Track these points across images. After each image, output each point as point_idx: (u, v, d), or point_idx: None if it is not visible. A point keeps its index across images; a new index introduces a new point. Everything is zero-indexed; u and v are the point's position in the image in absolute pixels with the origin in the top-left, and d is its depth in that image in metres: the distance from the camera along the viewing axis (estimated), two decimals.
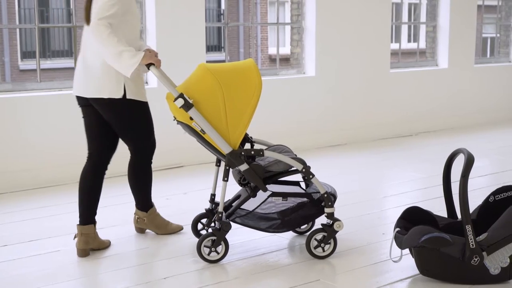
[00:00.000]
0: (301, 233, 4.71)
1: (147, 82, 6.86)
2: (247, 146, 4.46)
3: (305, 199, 4.39)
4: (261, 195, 4.33)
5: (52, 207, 5.48)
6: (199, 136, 4.12)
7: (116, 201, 5.65)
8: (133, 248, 4.51)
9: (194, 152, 6.85)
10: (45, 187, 6.07)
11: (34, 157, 6.14)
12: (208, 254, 4.19)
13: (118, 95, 4.23)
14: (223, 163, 4.24)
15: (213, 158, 4.51)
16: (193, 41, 6.94)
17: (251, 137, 4.47)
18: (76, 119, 6.30)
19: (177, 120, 4.18)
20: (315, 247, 4.27)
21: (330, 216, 4.25)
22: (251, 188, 4.28)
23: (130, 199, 5.68)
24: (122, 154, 6.62)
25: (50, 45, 18.94)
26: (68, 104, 6.31)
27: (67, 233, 4.81)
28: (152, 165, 6.43)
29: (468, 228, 3.70)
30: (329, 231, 4.26)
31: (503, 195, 4.05)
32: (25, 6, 18.46)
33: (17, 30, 18.11)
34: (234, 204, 4.41)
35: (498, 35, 10.64)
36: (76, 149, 6.31)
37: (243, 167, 4.16)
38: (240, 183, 4.34)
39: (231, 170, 4.23)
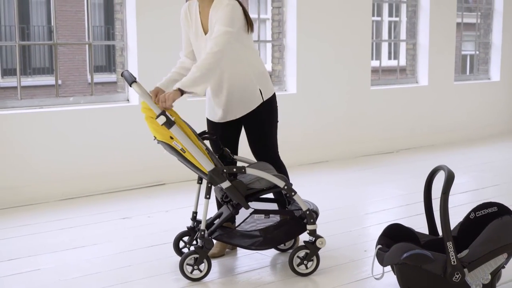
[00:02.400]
0: (283, 251, 4.70)
1: (128, 100, 6.85)
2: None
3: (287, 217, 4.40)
4: (243, 213, 4.32)
5: (32, 226, 5.44)
6: (180, 154, 4.11)
7: (98, 219, 5.61)
8: (114, 266, 4.49)
9: (176, 169, 6.84)
10: (25, 205, 6.03)
11: (14, 175, 6.09)
12: (191, 272, 4.17)
13: None
14: (205, 181, 4.24)
15: (195, 175, 4.51)
16: (174, 59, 6.90)
17: (233, 155, 4.47)
18: (57, 136, 6.30)
19: (157, 140, 4.17)
20: (298, 265, 4.27)
21: (313, 233, 4.25)
22: (233, 206, 4.28)
23: (112, 217, 5.67)
24: (105, 172, 6.61)
25: (31, 62, 18.87)
26: (50, 121, 6.29)
27: (48, 251, 4.77)
28: (134, 183, 6.44)
29: (449, 245, 3.71)
30: (312, 248, 4.26)
31: (484, 211, 4.06)
32: (6, 23, 18.40)
33: None
34: (216, 221, 4.40)
35: (477, 52, 10.74)
36: (57, 167, 6.29)
37: (225, 184, 4.15)
38: (222, 201, 4.33)
39: (213, 187, 4.23)
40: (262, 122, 4.56)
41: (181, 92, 4.10)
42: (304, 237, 4.38)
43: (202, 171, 4.14)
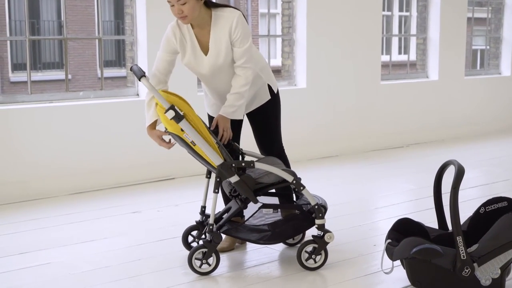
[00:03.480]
0: (292, 245, 4.70)
1: (138, 94, 6.85)
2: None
3: (296, 211, 4.40)
4: (252, 207, 4.33)
5: (43, 220, 5.46)
6: (190, 147, 4.12)
7: (108, 213, 5.63)
8: (124, 260, 4.50)
9: (185, 164, 6.85)
10: (35, 199, 6.05)
11: (24, 169, 6.12)
12: (200, 267, 4.18)
13: None
14: (213, 175, 4.24)
15: (204, 170, 4.51)
16: None
17: (242, 149, 4.48)
18: (67, 131, 6.32)
19: (168, 132, 4.18)
20: (306, 259, 4.27)
21: (321, 227, 4.25)
22: (241, 200, 4.28)
23: (122, 211, 5.69)
24: (115, 166, 6.63)
25: (41, 57, 18.93)
26: (59, 116, 6.31)
27: (58, 245, 4.79)
28: (143, 177, 6.45)
29: (459, 239, 3.70)
30: (320, 243, 4.25)
31: (494, 206, 4.05)
32: (16, 18, 18.45)
33: (8, 42, 18.09)
34: (224, 216, 4.40)
35: (488, 47, 10.70)
36: (67, 162, 6.31)
37: (234, 179, 4.16)
38: (230, 195, 4.34)
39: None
40: (270, 115, 4.60)
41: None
42: (312, 231, 4.38)
43: (211, 165, 4.14)
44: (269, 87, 4.57)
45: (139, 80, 4.09)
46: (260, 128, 4.60)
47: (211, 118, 4.69)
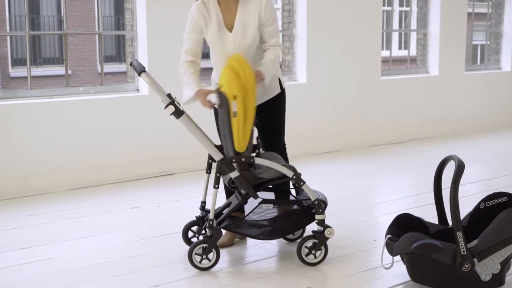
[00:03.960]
0: (292, 240, 4.71)
1: (138, 90, 6.85)
2: None
3: (295, 206, 4.40)
4: (252, 202, 4.33)
5: (43, 215, 5.46)
6: (226, 119, 4.07)
7: (108, 208, 5.63)
8: (123, 256, 4.50)
9: (185, 159, 6.86)
10: (35, 194, 6.05)
11: (24, 165, 6.12)
12: (200, 262, 4.18)
13: None
14: (213, 171, 4.24)
15: (204, 165, 4.51)
16: None
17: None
18: (67, 126, 6.32)
19: (218, 92, 4.12)
20: (306, 254, 4.27)
21: (321, 223, 4.25)
22: (240, 194, 4.29)
23: (122, 207, 5.69)
24: (115, 162, 6.63)
25: (41, 52, 18.92)
26: (59, 111, 6.31)
27: (58, 241, 4.80)
28: (143, 172, 6.46)
29: (459, 234, 3.70)
30: (320, 238, 4.26)
31: (494, 201, 4.05)
32: (16, 13, 18.43)
33: (8, 37, 18.07)
34: (224, 211, 4.40)
35: (488, 42, 10.69)
36: (67, 157, 6.31)
37: (234, 174, 4.16)
38: (230, 186, 4.33)
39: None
40: (277, 110, 4.61)
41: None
42: (312, 226, 4.38)
43: (232, 145, 4.10)
44: (279, 81, 4.59)
45: (139, 75, 4.09)
46: (267, 122, 4.57)
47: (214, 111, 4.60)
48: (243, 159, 4.16)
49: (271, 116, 4.57)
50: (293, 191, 4.65)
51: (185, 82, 4.34)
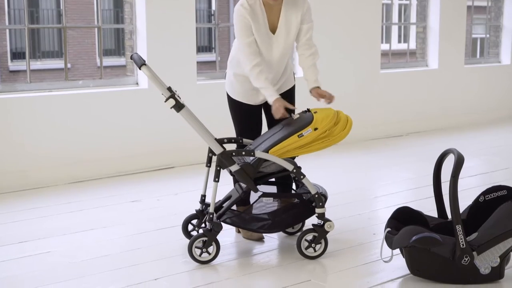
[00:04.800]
0: (291, 234, 4.71)
1: (137, 83, 6.84)
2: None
3: (295, 200, 4.40)
4: (252, 196, 4.34)
5: (42, 208, 5.46)
6: (290, 131, 4.17)
7: (108, 202, 5.64)
8: (123, 249, 4.50)
9: (184, 153, 6.86)
10: (34, 188, 6.05)
11: (24, 158, 6.11)
12: (200, 255, 4.19)
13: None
14: (213, 164, 4.24)
15: (204, 159, 4.51)
16: (183, 42, 6.94)
17: (241, 138, 4.48)
18: (66, 120, 6.31)
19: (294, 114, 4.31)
20: (306, 248, 4.27)
21: (321, 216, 4.26)
22: (240, 187, 4.29)
23: (121, 200, 5.69)
24: (114, 155, 6.63)
25: (40, 46, 18.89)
26: (59, 105, 6.31)
27: (58, 234, 4.80)
28: (143, 166, 6.45)
29: (458, 228, 3.71)
30: (320, 232, 4.26)
31: (493, 195, 4.06)
32: (15, 6, 18.40)
33: (7, 31, 18.05)
34: (225, 204, 4.41)
35: (488, 35, 10.67)
36: (66, 150, 6.31)
37: (234, 167, 4.16)
38: (231, 174, 4.34)
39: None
40: (292, 102, 4.68)
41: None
42: (311, 220, 4.38)
43: (270, 147, 4.14)
44: (294, 75, 4.76)
45: (140, 69, 4.09)
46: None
47: (246, 107, 4.58)
48: (243, 153, 4.17)
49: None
50: (293, 185, 4.66)
51: (262, 87, 4.32)
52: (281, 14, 4.38)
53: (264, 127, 4.68)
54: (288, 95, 4.65)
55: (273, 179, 4.56)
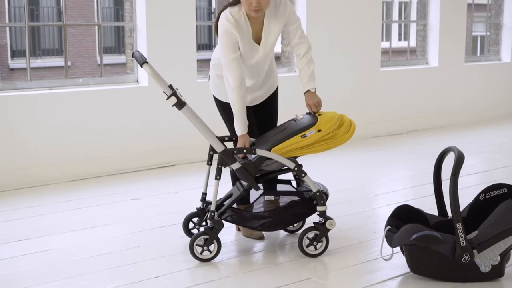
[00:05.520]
0: (292, 232, 4.71)
1: (137, 81, 6.84)
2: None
3: (296, 198, 4.41)
4: (253, 193, 4.34)
5: (42, 206, 5.46)
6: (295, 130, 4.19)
7: (108, 200, 5.64)
8: (124, 247, 4.51)
9: (185, 151, 6.86)
10: (35, 186, 6.05)
11: (24, 156, 6.11)
12: (201, 253, 4.19)
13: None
14: (214, 162, 4.24)
15: (204, 157, 4.51)
16: (183, 40, 6.93)
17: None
18: (66, 118, 6.31)
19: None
20: (307, 246, 4.28)
21: (322, 214, 4.26)
22: (242, 185, 4.30)
23: (121, 198, 5.69)
24: (114, 153, 6.63)
25: (40, 43, 18.88)
26: (59, 103, 6.31)
27: (58, 232, 4.80)
28: (143, 164, 6.44)
29: (459, 226, 3.71)
30: (321, 229, 4.26)
31: (493, 193, 4.06)
32: (15, 4, 18.39)
33: (7, 28, 18.04)
34: (226, 202, 4.41)
35: (488, 33, 10.67)
36: (67, 148, 6.31)
37: (235, 165, 4.16)
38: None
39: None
40: (276, 103, 4.70)
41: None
42: (312, 218, 4.38)
43: (274, 144, 4.16)
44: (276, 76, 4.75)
45: (141, 66, 4.08)
46: (267, 116, 4.65)
47: (228, 106, 4.48)
48: (245, 151, 4.17)
49: (272, 108, 4.67)
50: (293, 182, 4.66)
51: (237, 113, 4.24)
52: (264, 25, 4.35)
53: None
54: (274, 97, 4.69)
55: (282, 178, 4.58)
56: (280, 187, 4.64)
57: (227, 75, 4.25)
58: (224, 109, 4.53)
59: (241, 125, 4.26)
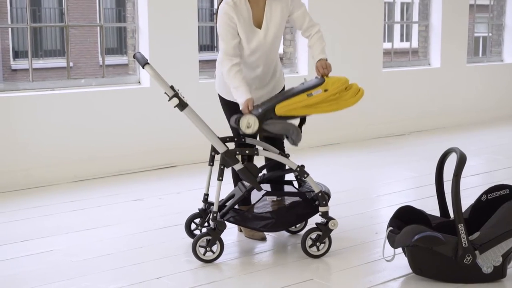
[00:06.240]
0: (294, 233, 4.71)
1: (139, 82, 6.85)
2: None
3: (298, 198, 4.41)
4: (255, 194, 4.35)
5: (45, 207, 5.47)
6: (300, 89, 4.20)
7: (110, 201, 5.64)
8: (126, 248, 4.51)
9: (187, 151, 6.87)
10: (37, 187, 6.06)
11: (26, 157, 6.12)
12: (204, 254, 4.19)
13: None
14: (216, 163, 4.25)
15: (206, 157, 4.51)
16: (185, 41, 6.94)
17: (244, 137, 4.48)
18: (69, 118, 6.32)
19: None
20: (310, 246, 4.28)
21: (325, 215, 4.26)
22: (244, 185, 4.30)
23: (124, 199, 5.70)
24: (117, 154, 6.63)
25: (42, 44, 18.90)
26: (61, 103, 6.31)
27: (60, 233, 4.81)
28: (145, 165, 6.43)
29: (461, 227, 3.71)
30: (324, 230, 4.26)
31: (495, 194, 4.06)
32: (17, 5, 18.41)
33: (9, 29, 18.06)
34: (228, 203, 4.41)
35: (490, 34, 10.66)
36: (69, 149, 6.32)
37: (238, 166, 4.16)
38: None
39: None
40: None
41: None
42: (314, 219, 4.39)
43: (276, 102, 4.14)
44: (283, 76, 4.73)
45: (143, 68, 4.09)
46: None
47: (232, 104, 4.48)
48: (247, 151, 4.17)
49: None
50: (295, 183, 4.67)
51: (236, 86, 4.21)
52: (266, 9, 4.35)
53: None
54: None
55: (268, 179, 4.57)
56: (276, 188, 4.65)
57: (224, 58, 4.25)
58: (228, 108, 4.53)
59: (243, 94, 4.17)
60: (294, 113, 4.15)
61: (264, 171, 4.55)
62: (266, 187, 4.45)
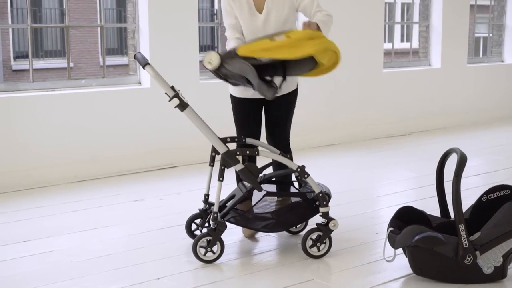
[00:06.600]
0: (294, 233, 4.71)
1: (140, 82, 6.85)
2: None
3: (299, 199, 4.41)
4: (256, 194, 4.35)
5: (45, 207, 5.47)
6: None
7: (111, 201, 5.64)
8: (126, 248, 4.51)
9: (187, 152, 6.87)
10: (37, 187, 6.06)
11: (27, 157, 6.12)
12: (204, 255, 4.19)
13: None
14: (217, 163, 4.25)
15: (207, 158, 4.51)
16: (186, 41, 6.94)
17: (245, 138, 4.48)
18: (69, 119, 6.32)
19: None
20: (311, 247, 4.28)
21: (325, 215, 4.26)
22: (244, 185, 4.30)
23: (124, 199, 5.70)
24: (117, 154, 6.64)
25: (43, 45, 18.90)
26: (62, 104, 6.32)
27: (61, 233, 4.81)
28: (146, 165, 6.44)
29: (461, 227, 3.71)
30: (325, 230, 4.26)
31: (496, 194, 4.06)
32: (18, 6, 18.41)
33: (10, 30, 18.06)
34: (228, 204, 4.41)
35: (491, 34, 10.66)
36: (70, 149, 6.32)
37: (238, 166, 4.16)
38: None
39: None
40: (290, 106, 4.66)
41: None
42: (315, 220, 4.39)
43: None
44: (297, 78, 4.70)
45: (143, 68, 4.09)
46: (277, 115, 4.62)
47: (239, 100, 4.58)
48: (248, 152, 4.17)
49: (283, 110, 4.62)
50: (295, 184, 4.67)
51: (231, 45, 4.40)
52: None
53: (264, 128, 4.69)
54: (287, 100, 4.62)
55: (274, 179, 4.56)
56: (282, 189, 4.65)
57: (228, 37, 4.44)
58: (236, 105, 4.57)
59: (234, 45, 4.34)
60: (255, 55, 4.10)
61: (265, 171, 4.54)
62: (267, 187, 4.45)
